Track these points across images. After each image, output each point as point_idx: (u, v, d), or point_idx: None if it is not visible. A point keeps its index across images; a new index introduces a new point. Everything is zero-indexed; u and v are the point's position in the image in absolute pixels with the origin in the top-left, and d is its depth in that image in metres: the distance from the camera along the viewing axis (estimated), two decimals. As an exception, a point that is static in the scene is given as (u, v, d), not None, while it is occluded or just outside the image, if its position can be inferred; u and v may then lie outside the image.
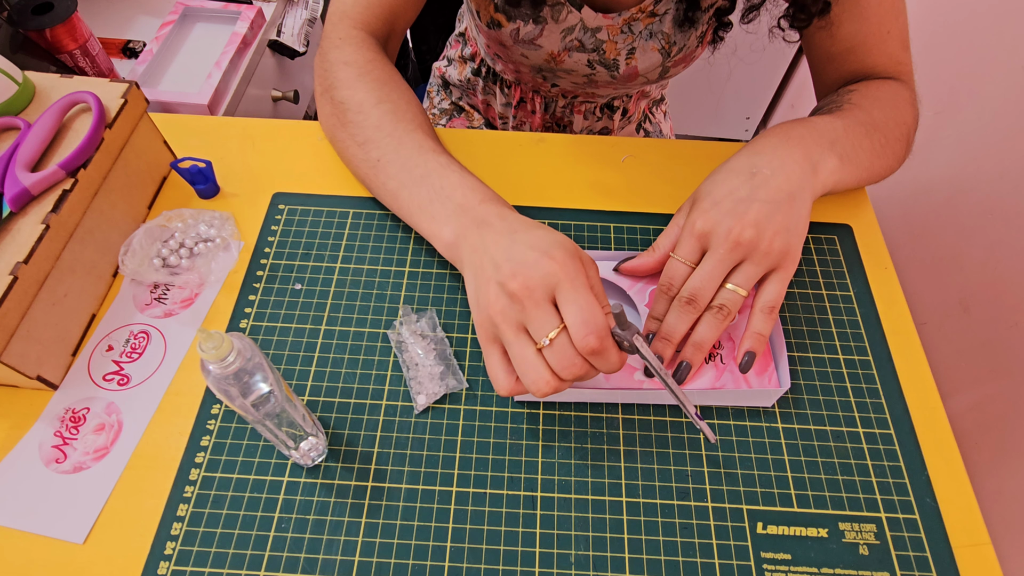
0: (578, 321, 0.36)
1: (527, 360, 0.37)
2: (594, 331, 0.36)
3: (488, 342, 0.40)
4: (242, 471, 0.43)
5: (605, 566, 0.40)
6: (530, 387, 0.38)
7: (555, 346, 0.37)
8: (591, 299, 0.37)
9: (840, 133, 0.48)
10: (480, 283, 0.40)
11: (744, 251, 0.42)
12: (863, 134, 0.49)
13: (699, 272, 0.43)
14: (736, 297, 0.42)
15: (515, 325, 0.38)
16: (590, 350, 0.36)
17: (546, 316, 0.37)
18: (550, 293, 0.37)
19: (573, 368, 0.37)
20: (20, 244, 0.42)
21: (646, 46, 0.62)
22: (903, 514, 0.42)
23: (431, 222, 0.46)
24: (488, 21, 0.63)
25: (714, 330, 0.43)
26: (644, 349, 0.38)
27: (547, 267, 0.37)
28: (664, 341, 0.44)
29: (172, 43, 0.91)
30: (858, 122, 0.49)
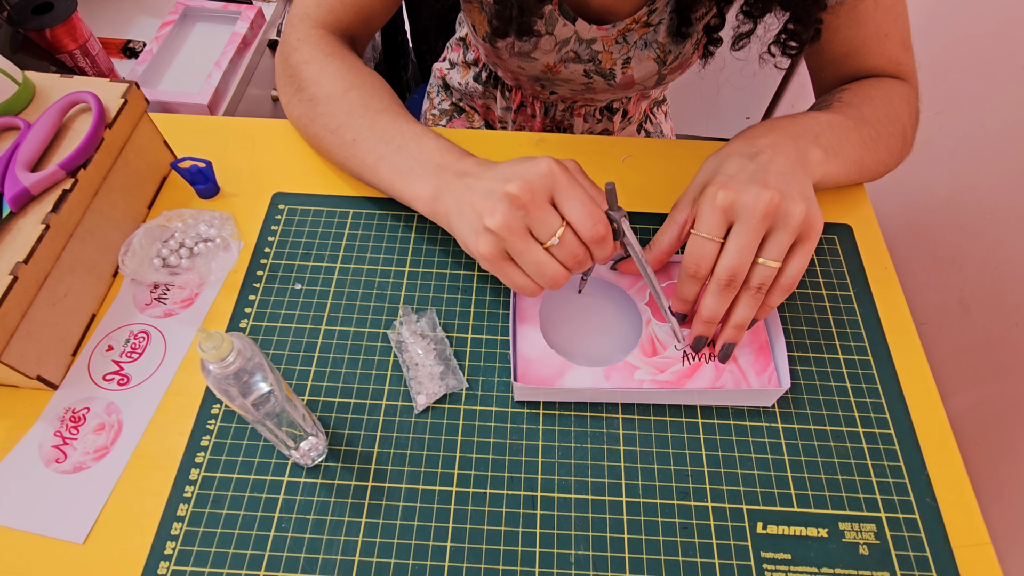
0: (583, 215, 0.39)
1: (542, 262, 0.40)
2: (600, 220, 0.39)
3: (498, 260, 0.41)
4: (242, 471, 0.43)
5: (605, 566, 0.40)
6: (548, 285, 0.41)
7: (563, 242, 0.39)
8: (586, 194, 0.39)
9: (824, 127, 0.47)
10: (476, 210, 0.41)
11: (772, 219, 0.40)
12: (851, 128, 0.49)
13: (732, 247, 0.41)
14: (771, 272, 0.41)
15: (522, 231, 0.39)
16: (599, 238, 0.39)
17: (551, 216, 0.39)
18: (549, 193, 0.39)
19: (579, 258, 0.40)
20: (20, 244, 0.42)
21: (641, 55, 0.62)
22: (903, 514, 0.42)
23: (411, 184, 0.46)
24: (484, 35, 0.63)
25: (753, 309, 0.43)
26: (628, 231, 0.42)
27: (540, 168, 0.39)
28: (706, 324, 0.43)
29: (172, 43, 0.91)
30: (846, 117, 0.49)
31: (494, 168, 0.42)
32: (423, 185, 0.46)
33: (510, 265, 0.41)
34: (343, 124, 0.50)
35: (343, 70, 0.52)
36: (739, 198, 0.40)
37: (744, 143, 0.45)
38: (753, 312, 0.43)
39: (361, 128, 0.49)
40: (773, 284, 0.42)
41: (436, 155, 0.46)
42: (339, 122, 0.51)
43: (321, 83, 0.52)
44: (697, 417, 0.45)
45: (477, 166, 0.44)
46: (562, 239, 0.39)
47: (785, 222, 0.40)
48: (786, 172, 0.42)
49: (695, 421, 0.45)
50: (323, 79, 0.52)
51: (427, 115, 0.88)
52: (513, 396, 0.46)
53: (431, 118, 0.87)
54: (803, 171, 0.43)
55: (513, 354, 0.46)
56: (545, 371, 0.45)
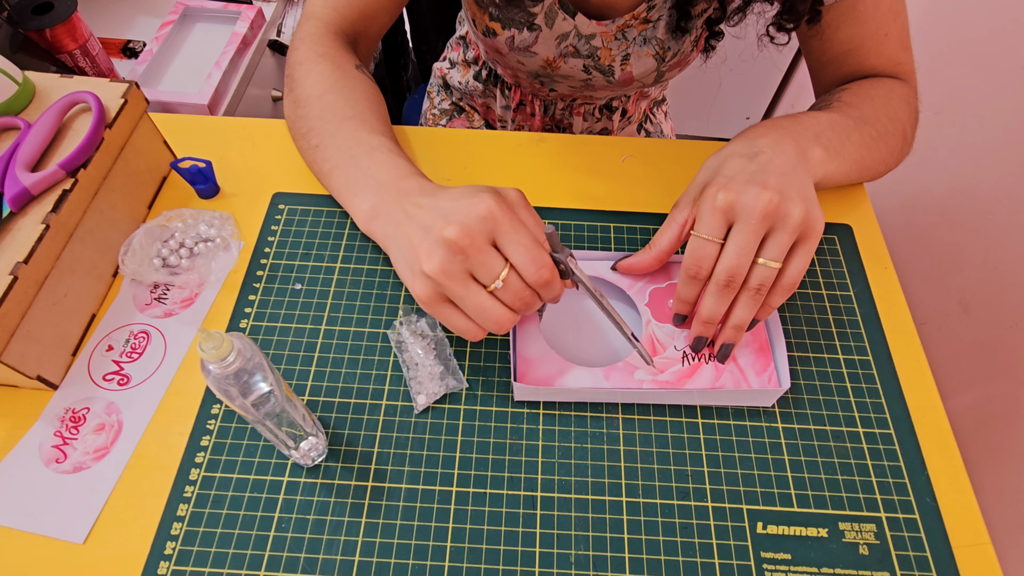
0: (527, 259, 0.38)
1: (485, 306, 0.38)
2: (544, 264, 0.38)
3: (436, 303, 0.40)
4: (242, 471, 0.43)
5: (605, 566, 0.40)
6: (493, 328, 0.39)
7: (507, 285, 0.38)
8: (530, 235, 0.38)
9: (825, 126, 0.47)
10: (412, 248, 0.40)
11: (772, 220, 0.40)
12: (851, 128, 0.48)
13: (732, 248, 0.41)
14: (770, 272, 0.41)
15: (462, 276, 0.38)
16: (543, 282, 0.38)
17: (493, 259, 0.38)
18: (490, 236, 0.38)
19: (525, 300, 0.39)
20: (20, 244, 0.42)
21: (640, 52, 0.62)
22: (903, 514, 0.42)
23: (352, 198, 0.46)
24: (484, 29, 0.63)
25: (752, 310, 0.42)
26: (578, 271, 0.41)
27: (480, 209, 0.38)
28: (705, 324, 0.43)
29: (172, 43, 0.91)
30: (846, 116, 0.49)
31: (434, 197, 0.41)
32: (361, 200, 0.45)
33: (449, 308, 0.40)
34: (312, 128, 0.50)
35: (327, 72, 0.52)
36: (739, 199, 0.40)
37: (744, 143, 0.45)
38: (752, 312, 0.43)
39: (324, 135, 0.49)
40: (774, 284, 0.42)
41: (381, 171, 0.45)
42: (309, 126, 0.51)
43: (304, 84, 0.52)
44: (697, 417, 0.45)
45: (419, 191, 0.42)
46: (506, 282, 0.38)
47: (785, 223, 0.40)
48: (786, 172, 0.42)
49: (695, 421, 0.45)
50: (307, 80, 0.52)
51: (427, 115, 0.88)
52: (513, 396, 0.46)
53: (431, 118, 0.87)
54: (804, 171, 0.43)
55: (513, 354, 0.46)
56: (545, 371, 0.45)
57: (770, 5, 0.52)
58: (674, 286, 0.49)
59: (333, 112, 0.50)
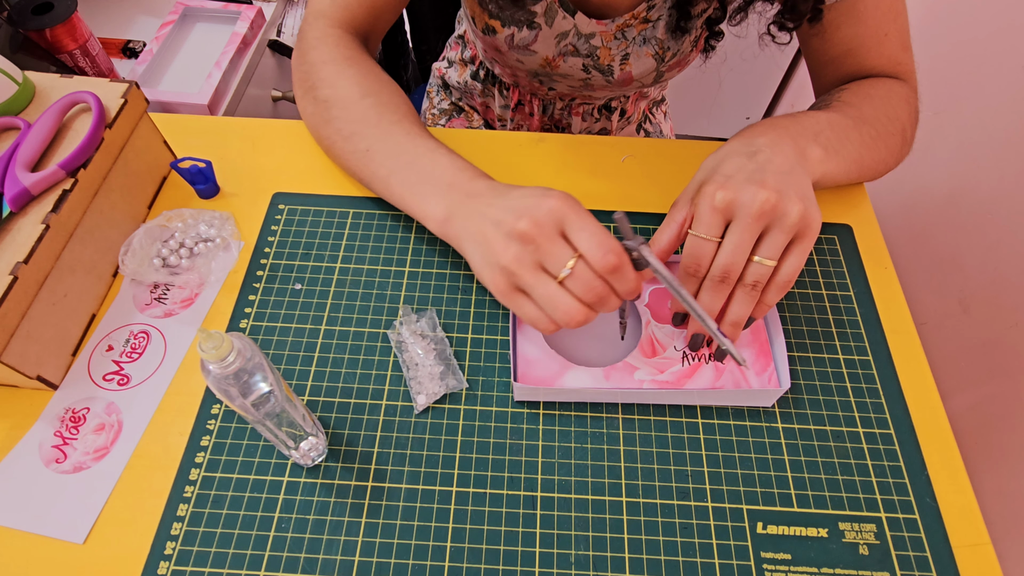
0: (593, 244, 0.38)
1: (554, 296, 0.39)
2: (611, 249, 0.38)
3: (510, 294, 0.41)
4: (242, 471, 0.43)
5: (605, 566, 0.40)
6: (563, 320, 0.39)
7: (576, 274, 0.38)
8: (598, 225, 0.39)
9: (824, 126, 0.47)
10: (486, 242, 0.41)
11: (769, 219, 0.40)
12: (850, 127, 0.49)
13: (727, 246, 0.41)
14: (765, 270, 0.41)
15: (532, 266, 0.39)
16: (611, 268, 0.38)
17: (561, 248, 0.39)
18: (559, 226, 0.39)
19: (596, 290, 0.38)
20: (20, 244, 0.42)
21: (640, 52, 0.62)
22: (903, 514, 0.42)
23: (422, 203, 0.46)
24: (483, 27, 0.63)
25: (748, 307, 0.42)
26: (652, 258, 0.40)
27: (549, 204, 0.39)
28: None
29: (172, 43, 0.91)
30: (845, 116, 0.49)
31: (505, 195, 0.42)
32: (434, 205, 0.45)
33: (522, 298, 0.41)
34: (356, 132, 0.50)
35: (360, 75, 0.52)
36: (736, 198, 0.41)
37: (743, 142, 0.45)
38: (748, 310, 0.43)
39: (374, 139, 0.49)
40: (769, 282, 0.42)
41: (447, 173, 0.46)
42: (352, 129, 0.50)
43: (337, 85, 0.52)
44: (697, 417, 0.45)
45: (489, 189, 0.43)
46: (574, 271, 0.38)
47: (781, 221, 0.40)
48: (784, 171, 0.42)
49: (695, 421, 0.45)
50: (340, 82, 0.52)
51: (426, 115, 0.88)
52: (513, 396, 0.46)
53: (430, 118, 0.87)
54: (802, 169, 0.44)
55: (513, 354, 0.46)
56: (545, 371, 0.45)
57: (771, 5, 0.52)
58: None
59: (378, 116, 0.50)
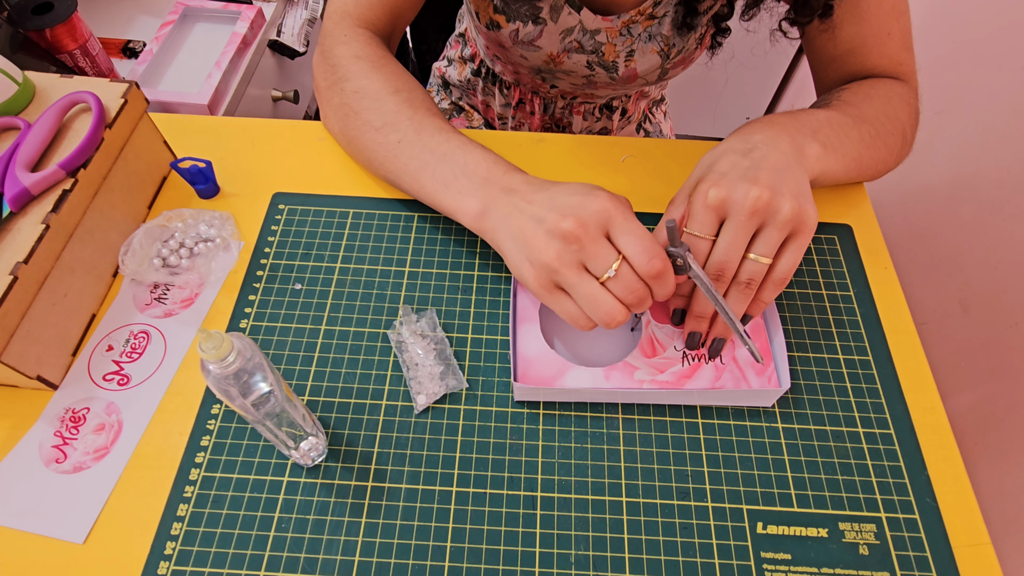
0: (639, 248, 0.38)
1: (596, 296, 0.39)
2: (657, 255, 0.38)
3: (549, 291, 0.40)
4: (242, 471, 0.43)
5: (605, 566, 0.40)
6: (604, 320, 0.39)
7: (620, 276, 0.38)
8: (643, 228, 0.39)
9: (823, 123, 0.47)
10: (526, 239, 0.40)
11: (762, 216, 0.40)
12: (850, 125, 0.49)
13: (722, 243, 0.41)
14: (760, 268, 0.41)
15: (575, 266, 0.39)
16: (656, 273, 0.38)
17: (606, 250, 0.38)
18: (604, 228, 0.39)
19: (638, 293, 0.38)
20: (20, 244, 0.42)
21: (645, 48, 0.62)
22: (903, 514, 0.42)
23: (457, 197, 0.46)
24: (488, 22, 0.63)
25: (742, 304, 0.43)
26: (696, 267, 0.40)
27: (595, 204, 0.38)
28: (697, 319, 0.44)
29: (172, 43, 0.91)
30: (845, 115, 0.49)
31: (544, 191, 0.41)
32: (469, 199, 0.45)
33: (561, 295, 0.40)
34: (388, 123, 0.50)
35: (391, 74, 0.52)
36: (729, 196, 0.41)
37: (739, 139, 0.45)
38: (743, 307, 0.43)
39: (407, 131, 0.49)
40: (765, 279, 0.42)
41: (482, 167, 0.45)
42: (385, 120, 0.50)
43: (371, 78, 0.52)
44: (697, 417, 0.45)
45: (525, 184, 0.43)
46: (618, 272, 0.38)
47: (775, 218, 0.40)
48: (779, 168, 0.42)
49: (695, 421, 0.45)
50: (373, 74, 0.52)
51: None
52: (513, 396, 0.46)
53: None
54: (798, 166, 0.43)
55: (513, 354, 0.46)
56: (545, 371, 0.45)
57: (778, 1, 0.52)
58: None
59: (410, 109, 0.49)
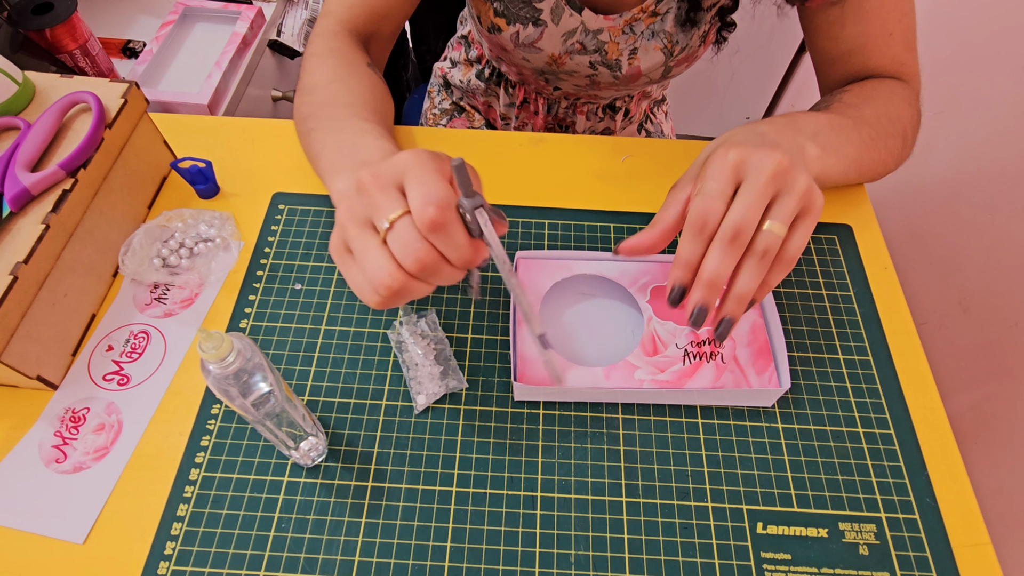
0: (418, 196, 0.33)
1: (368, 253, 0.34)
2: (433, 201, 0.32)
3: (339, 253, 0.36)
4: (242, 471, 0.43)
5: (605, 566, 0.40)
6: (372, 282, 0.34)
7: (396, 229, 0.33)
8: (439, 178, 0.34)
9: (823, 126, 0.47)
10: (338, 202, 0.38)
11: (780, 182, 0.37)
12: (850, 127, 0.48)
13: (740, 203, 0.37)
14: (776, 239, 0.38)
15: (360, 221, 0.35)
16: (430, 223, 0.33)
17: (390, 200, 0.34)
18: (398, 180, 0.34)
19: (417, 253, 0.33)
20: (20, 244, 0.42)
21: (648, 46, 0.62)
22: (903, 514, 0.42)
23: (333, 176, 0.44)
24: (488, 26, 0.63)
25: (757, 278, 0.38)
26: (486, 227, 0.34)
27: (400, 159, 0.35)
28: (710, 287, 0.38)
29: (172, 43, 0.91)
30: (845, 116, 0.49)
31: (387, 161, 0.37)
32: (339, 180, 0.43)
33: (348, 259, 0.36)
34: (312, 114, 0.49)
35: (337, 64, 0.52)
36: (750, 157, 0.38)
37: (745, 128, 0.44)
38: (756, 281, 0.38)
39: (321, 119, 0.48)
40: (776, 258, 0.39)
41: (366, 152, 0.43)
42: (309, 112, 0.50)
43: (314, 74, 0.52)
44: (697, 417, 0.45)
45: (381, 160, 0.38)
46: (395, 225, 0.33)
47: (792, 187, 0.38)
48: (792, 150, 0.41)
49: (695, 421, 0.45)
50: (317, 70, 0.52)
51: (427, 115, 0.88)
52: (513, 396, 0.46)
53: (431, 117, 0.87)
54: (802, 161, 0.43)
55: (513, 354, 0.46)
56: (545, 371, 0.45)
57: None
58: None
59: (335, 99, 0.49)
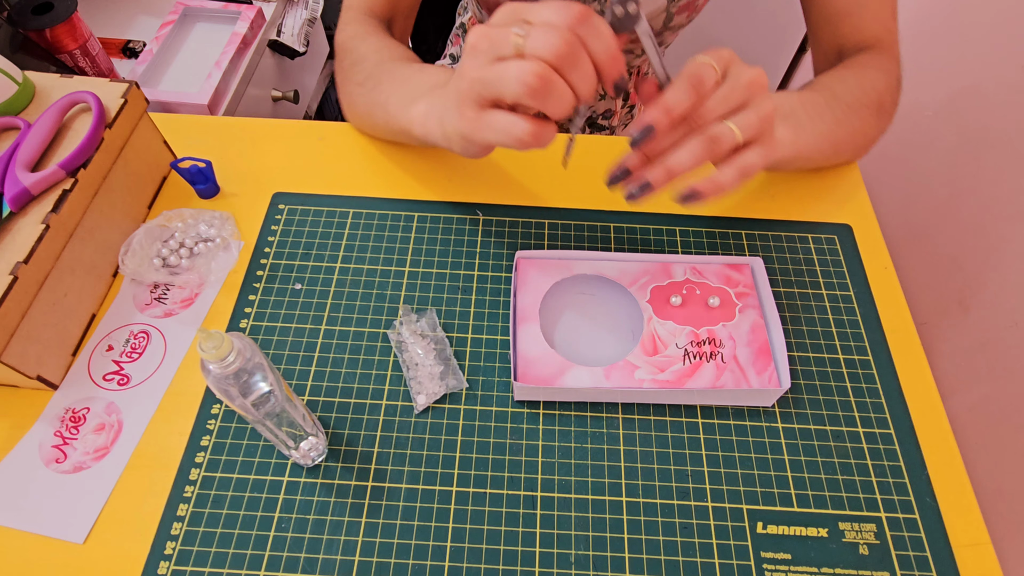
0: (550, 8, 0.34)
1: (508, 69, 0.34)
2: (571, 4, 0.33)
3: (476, 116, 0.37)
4: (242, 471, 0.43)
5: (605, 566, 0.40)
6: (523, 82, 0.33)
7: (533, 33, 0.33)
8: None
9: (796, 106, 0.49)
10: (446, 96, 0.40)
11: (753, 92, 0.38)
12: (822, 105, 0.50)
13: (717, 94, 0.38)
14: (729, 136, 0.38)
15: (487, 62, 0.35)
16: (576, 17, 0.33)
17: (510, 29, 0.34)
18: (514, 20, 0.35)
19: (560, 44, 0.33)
20: (20, 244, 0.42)
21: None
22: (903, 514, 0.42)
23: (407, 108, 0.47)
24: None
25: (693, 159, 0.38)
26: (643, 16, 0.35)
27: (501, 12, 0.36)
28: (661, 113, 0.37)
29: (172, 43, 0.91)
30: (818, 94, 0.51)
31: None
32: (416, 106, 0.46)
33: (487, 112, 0.36)
34: (368, 76, 0.53)
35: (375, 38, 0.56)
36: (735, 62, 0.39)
37: None
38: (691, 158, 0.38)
39: (380, 76, 0.52)
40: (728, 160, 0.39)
41: (431, 78, 0.47)
42: (365, 75, 0.54)
43: (358, 50, 0.56)
44: (697, 417, 0.45)
45: None
46: (530, 32, 0.33)
47: (760, 105, 0.38)
48: None
49: (695, 421, 0.45)
50: (360, 47, 0.56)
51: None
52: (513, 396, 0.46)
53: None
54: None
55: (513, 354, 0.46)
56: (545, 371, 0.45)
57: None
58: (674, 284, 0.49)
59: (387, 59, 0.53)
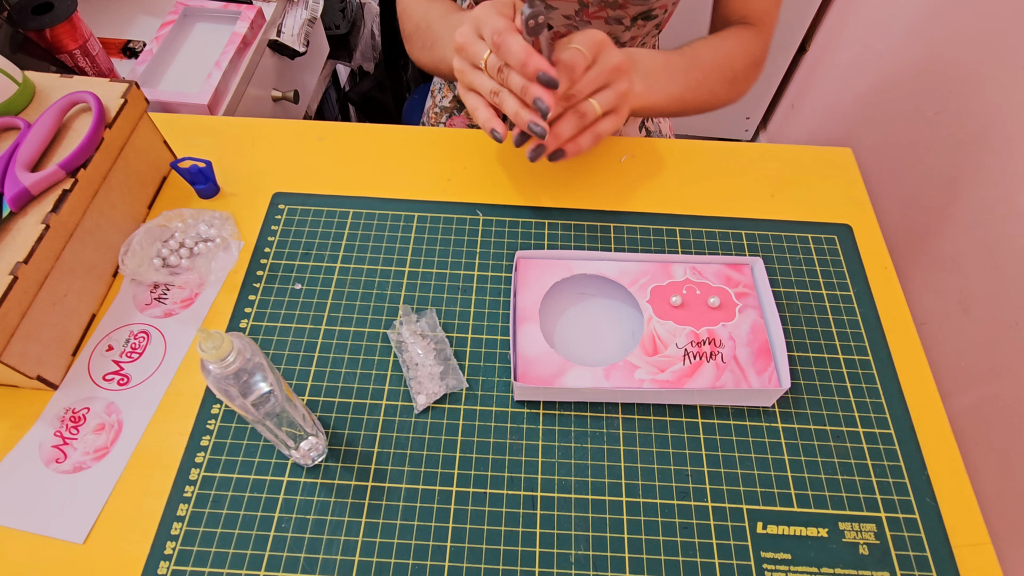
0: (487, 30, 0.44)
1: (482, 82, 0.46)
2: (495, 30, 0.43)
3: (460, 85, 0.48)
4: (242, 471, 0.43)
5: (605, 566, 0.40)
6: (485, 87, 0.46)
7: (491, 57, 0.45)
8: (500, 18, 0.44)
9: (659, 67, 0.55)
10: None
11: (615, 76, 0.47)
12: (681, 69, 0.56)
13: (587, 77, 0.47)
14: (593, 111, 0.47)
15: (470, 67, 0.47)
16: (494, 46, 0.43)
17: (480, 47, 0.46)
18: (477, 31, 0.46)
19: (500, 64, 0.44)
20: (20, 244, 0.42)
21: None
22: (903, 514, 0.42)
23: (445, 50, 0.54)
24: None
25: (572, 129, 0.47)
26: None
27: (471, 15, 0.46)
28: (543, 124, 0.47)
29: (172, 43, 0.91)
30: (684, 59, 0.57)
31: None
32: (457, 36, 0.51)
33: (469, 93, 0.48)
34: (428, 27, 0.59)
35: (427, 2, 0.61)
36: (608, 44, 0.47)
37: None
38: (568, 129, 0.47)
39: (437, 31, 0.57)
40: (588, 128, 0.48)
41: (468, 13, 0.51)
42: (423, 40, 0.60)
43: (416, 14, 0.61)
44: (697, 417, 0.45)
45: None
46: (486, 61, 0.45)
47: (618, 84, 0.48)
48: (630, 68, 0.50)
49: (695, 421, 0.45)
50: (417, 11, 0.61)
51: (429, 113, 0.88)
52: (513, 396, 0.46)
53: (433, 116, 0.87)
54: None
55: (513, 354, 0.46)
56: (545, 371, 0.45)
57: None
58: (674, 284, 0.49)
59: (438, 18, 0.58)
